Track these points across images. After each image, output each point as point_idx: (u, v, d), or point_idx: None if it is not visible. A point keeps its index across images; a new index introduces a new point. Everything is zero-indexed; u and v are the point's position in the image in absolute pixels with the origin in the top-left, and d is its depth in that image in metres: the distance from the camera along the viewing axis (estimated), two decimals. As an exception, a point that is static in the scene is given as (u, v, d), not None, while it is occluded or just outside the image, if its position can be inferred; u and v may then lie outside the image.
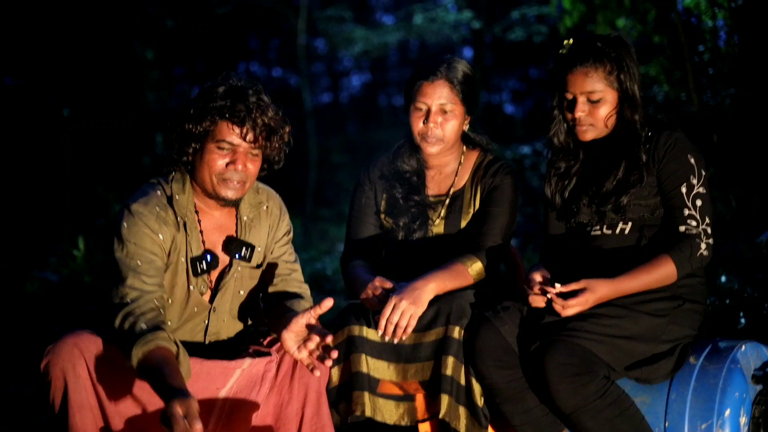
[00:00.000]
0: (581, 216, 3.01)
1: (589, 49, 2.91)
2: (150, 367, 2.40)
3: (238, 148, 2.70)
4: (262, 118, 2.70)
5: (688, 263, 2.80)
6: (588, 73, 2.90)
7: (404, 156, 3.24)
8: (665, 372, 2.79)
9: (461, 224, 3.16)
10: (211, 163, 2.70)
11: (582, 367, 2.66)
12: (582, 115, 2.93)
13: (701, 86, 7.65)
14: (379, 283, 2.92)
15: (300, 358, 2.61)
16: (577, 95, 2.93)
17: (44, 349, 2.52)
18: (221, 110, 2.68)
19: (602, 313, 2.75)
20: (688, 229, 2.83)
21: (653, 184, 2.89)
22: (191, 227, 2.76)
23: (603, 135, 2.97)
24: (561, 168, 3.09)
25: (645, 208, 2.91)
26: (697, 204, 2.84)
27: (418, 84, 3.10)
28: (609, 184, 2.94)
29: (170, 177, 2.80)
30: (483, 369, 2.79)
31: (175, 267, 2.74)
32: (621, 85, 2.89)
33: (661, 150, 2.87)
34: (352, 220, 3.28)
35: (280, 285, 2.93)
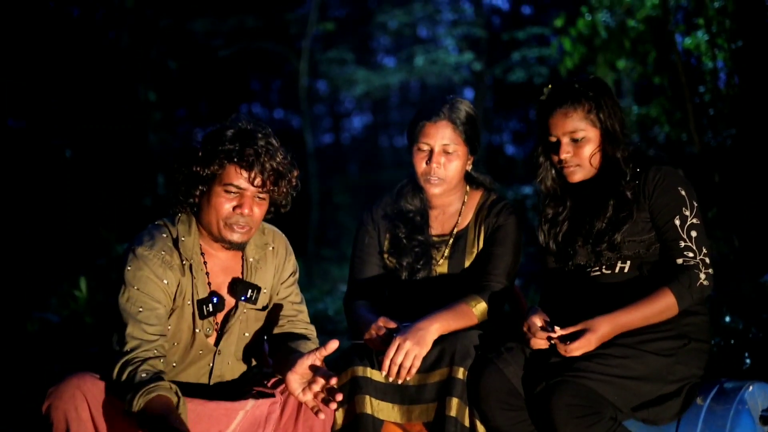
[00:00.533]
0: (578, 258, 3.01)
1: (567, 92, 2.96)
2: (152, 415, 2.39)
3: (246, 192, 2.69)
4: (271, 162, 2.69)
5: (688, 294, 2.79)
6: (568, 113, 2.93)
7: (407, 196, 3.24)
8: (672, 413, 2.77)
9: (465, 264, 3.15)
10: (217, 206, 2.69)
11: (589, 408, 2.63)
12: (567, 156, 2.95)
13: (702, 127, 7.67)
14: (382, 324, 2.90)
15: (305, 401, 2.59)
16: (560, 137, 2.95)
17: (46, 391, 2.49)
18: (230, 154, 2.66)
19: (608, 353, 2.73)
20: (685, 261, 2.83)
21: (646, 220, 2.90)
22: (197, 269, 2.75)
23: (591, 175, 2.99)
24: (549, 214, 3.11)
25: (640, 244, 2.91)
26: (692, 235, 2.84)
27: (421, 124, 3.12)
28: (600, 223, 2.95)
29: (176, 218, 2.79)
30: (488, 411, 2.77)
31: (181, 310, 2.72)
32: (601, 123, 2.92)
33: (651, 185, 2.88)
34: (355, 260, 3.28)
35: (287, 326, 2.92)
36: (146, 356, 2.53)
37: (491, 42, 15.22)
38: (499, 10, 19.74)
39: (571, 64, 8.98)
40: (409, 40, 16.25)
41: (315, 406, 2.57)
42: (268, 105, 21.20)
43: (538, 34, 13.33)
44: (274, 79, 19.75)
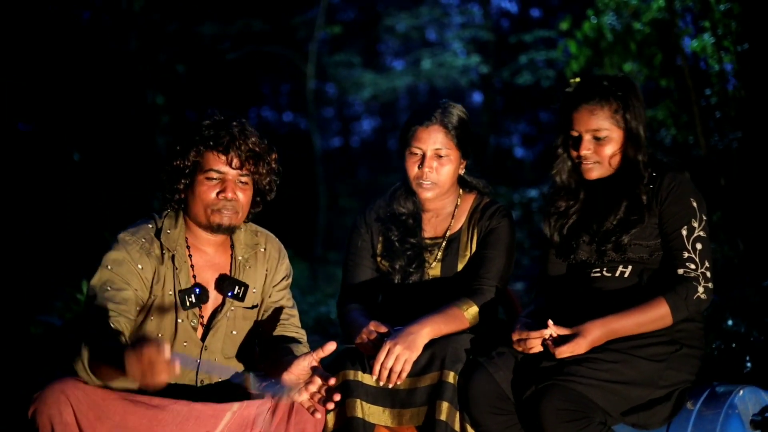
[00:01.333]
0: (580, 253, 3.00)
1: (596, 88, 2.94)
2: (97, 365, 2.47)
3: (227, 176, 2.76)
4: (246, 143, 2.77)
5: (684, 306, 2.78)
6: (594, 111, 2.91)
7: (400, 199, 3.24)
8: (662, 417, 2.76)
9: (458, 267, 3.15)
10: (202, 194, 2.75)
11: (578, 412, 2.63)
12: (587, 152, 2.94)
13: (708, 130, 7.65)
14: (373, 328, 2.91)
15: (300, 401, 2.60)
16: (582, 133, 2.94)
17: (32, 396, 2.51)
18: (205, 140, 2.75)
19: (599, 358, 2.72)
20: (686, 272, 2.82)
21: (655, 225, 2.89)
22: (180, 261, 2.79)
23: (607, 174, 2.97)
24: (561, 207, 3.09)
25: (645, 249, 2.89)
26: (697, 247, 2.83)
27: (413, 129, 3.12)
28: (610, 222, 2.94)
29: (164, 213, 2.85)
30: (477, 415, 2.77)
31: (161, 300, 2.75)
32: (626, 124, 2.91)
33: (665, 191, 2.87)
34: (348, 264, 3.28)
35: (278, 330, 2.93)
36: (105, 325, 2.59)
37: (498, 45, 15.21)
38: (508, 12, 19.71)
39: (577, 67, 8.96)
40: (417, 44, 16.26)
41: (311, 406, 2.59)
42: (278, 108, 21.22)
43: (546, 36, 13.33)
44: (284, 82, 19.77)
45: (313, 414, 2.59)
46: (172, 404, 2.58)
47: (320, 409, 2.59)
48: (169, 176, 2.79)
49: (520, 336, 2.80)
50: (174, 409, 2.57)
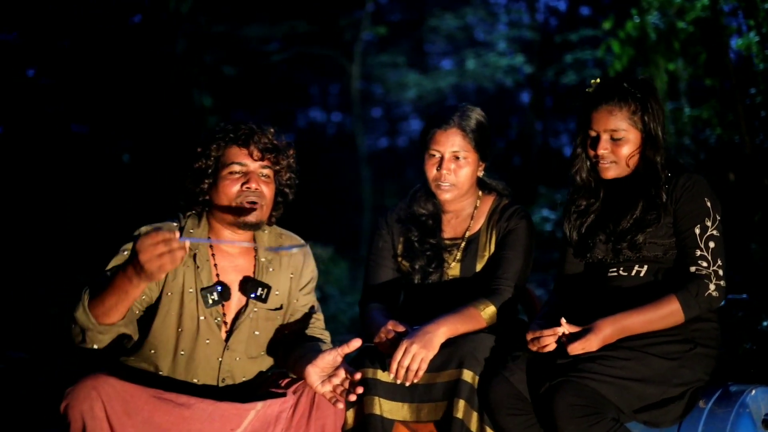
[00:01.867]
0: (597, 252, 3.03)
1: (615, 89, 2.98)
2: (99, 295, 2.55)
3: (249, 168, 2.84)
4: (265, 135, 2.88)
5: (695, 303, 2.80)
6: (612, 111, 2.95)
7: (420, 200, 3.30)
8: (674, 416, 2.78)
9: (477, 268, 3.20)
10: (226, 189, 2.83)
11: (590, 408, 2.66)
12: (605, 152, 2.97)
13: (753, 129, 7.58)
14: (391, 327, 2.96)
15: (323, 392, 2.68)
16: (600, 133, 2.98)
17: (64, 391, 2.59)
18: (225, 135, 2.86)
19: (612, 355, 2.75)
20: (698, 270, 2.84)
21: (669, 224, 2.92)
22: (202, 260, 2.86)
23: (624, 174, 3.01)
24: (581, 205, 3.12)
25: (660, 248, 2.93)
26: (710, 246, 2.85)
27: (432, 132, 3.18)
28: (626, 222, 2.97)
29: (187, 213, 2.94)
30: (500, 419, 2.82)
31: (181, 297, 2.82)
32: (644, 125, 2.95)
33: (680, 191, 2.91)
34: (369, 264, 3.34)
35: (303, 333, 3.02)
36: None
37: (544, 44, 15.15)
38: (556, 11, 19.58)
39: (620, 67, 8.92)
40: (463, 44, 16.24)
41: (333, 397, 2.66)
42: (327, 108, 21.34)
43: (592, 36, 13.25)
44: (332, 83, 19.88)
45: (335, 404, 2.66)
46: (199, 402, 2.66)
47: (342, 400, 2.67)
48: (192, 179, 2.87)
49: (534, 335, 2.84)
50: (200, 408, 2.65)
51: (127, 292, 2.48)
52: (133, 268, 2.39)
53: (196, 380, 2.83)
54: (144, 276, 2.38)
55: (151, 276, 2.37)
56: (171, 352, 2.82)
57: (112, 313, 2.56)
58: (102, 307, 2.55)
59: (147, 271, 2.35)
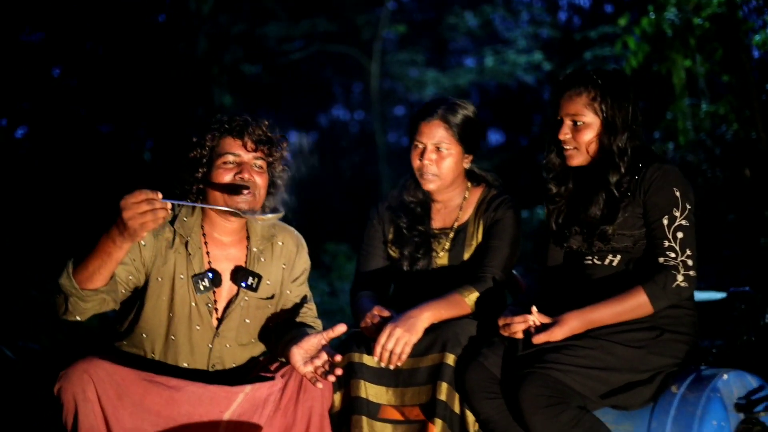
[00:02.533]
0: (572, 241, 3.09)
1: (579, 76, 3.05)
2: (83, 261, 2.59)
3: (243, 159, 2.90)
4: (260, 127, 2.94)
5: (663, 294, 2.83)
6: (572, 96, 3.02)
7: (410, 189, 3.38)
8: (643, 399, 2.82)
9: (464, 257, 3.26)
10: (219, 178, 2.89)
11: (555, 398, 2.71)
12: (566, 137, 3.03)
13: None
14: (377, 312, 3.03)
15: (304, 372, 2.75)
16: (563, 117, 3.04)
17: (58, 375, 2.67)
18: (220, 126, 2.92)
19: (577, 345, 2.80)
20: (666, 261, 2.87)
21: (639, 215, 2.95)
22: (194, 247, 2.93)
23: (587, 162, 3.05)
24: (551, 191, 3.18)
25: (629, 239, 2.96)
26: (678, 236, 2.87)
27: (417, 123, 3.27)
28: (594, 213, 3.01)
29: None
30: (476, 404, 2.88)
31: (171, 282, 2.89)
32: (603, 113, 2.99)
33: (648, 182, 2.94)
34: (361, 253, 3.42)
35: (295, 322, 3.09)
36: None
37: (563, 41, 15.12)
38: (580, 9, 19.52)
39: (636, 63, 8.93)
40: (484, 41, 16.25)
41: (314, 377, 2.74)
42: (350, 107, 21.41)
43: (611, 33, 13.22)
44: (355, 81, 19.94)
45: (315, 384, 2.73)
46: (188, 385, 2.74)
47: (322, 380, 2.74)
48: (187, 168, 2.93)
49: (505, 321, 2.90)
50: (190, 390, 2.73)
51: (110, 254, 2.54)
52: (117, 228, 2.46)
53: (186, 365, 2.91)
54: (127, 235, 2.45)
55: (134, 234, 2.45)
56: (162, 337, 2.89)
57: (96, 277, 2.61)
58: (86, 272, 2.59)
59: (130, 228, 2.42)
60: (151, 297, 2.89)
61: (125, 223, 2.42)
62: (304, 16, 13.79)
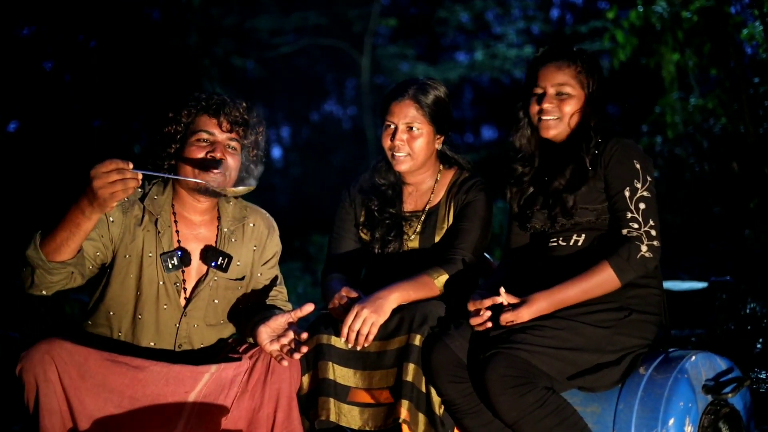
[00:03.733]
0: (535, 221, 3.08)
1: (564, 49, 3.08)
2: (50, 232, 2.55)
3: (216, 138, 2.87)
4: (237, 109, 2.90)
5: (628, 267, 2.81)
6: (561, 67, 3.03)
7: (381, 171, 3.36)
8: (610, 381, 2.80)
9: (435, 239, 3.24)
10: (191, 155, 2.86)
11: (521, 378, 2.69)
12: (550, 106, 3.03)
13: (757, 118, 7.57)
14: (345, 293, 3.00)
15: (270, 350, 2.73)
16: (547, 87, 3.04)
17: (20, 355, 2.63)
18: (197, 102, 2.89)
19: (544, 325, 2.78)
20: (629, 232, 2.86)
21: (601, 189, 2.95)
22: (164, 225, 2.90)
23: (564, 134, 3.06)
24: (517, 171, 3.17)
25: (591, 213, 2.95)
26: (640, 207, 2.87)
27: (388, 103, 3.24)
28: (557, 183, 3.01)
29: (152, 181, 2.97)
30: (440, 385, 2.86)
31: (139, 260, 2.86)
32: (589, 87, 3.02)
33: (608, 155, 2.95)
34: (332, 236, 3.39)
35: (265, 304, 3.07)
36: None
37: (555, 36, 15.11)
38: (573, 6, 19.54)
39: (624, 57, 8.93)
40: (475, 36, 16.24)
41: (279, 355, 2.71)
42: (342, 103, 21.40)
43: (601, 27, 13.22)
44: (348, 76, 19.92)
45: (280, 362, 2.71)
46: (153, 365, 2.70)
47: (288, 359, 2.72)
48: (160, 143, 2.90)
49: (475, 306, 2.87)
50: (154, 370, 2.70)
51: (78, 225, 2.51)
52: (86, 197, 2.43)
53: (153, 344, 2.88)
54: (96, 205, 2.42)
55: (104, 204, 2.41)
56: (130, 315, 2.87)
57: (63, 249, 2.57)
58: (53, 243, 2.56)
59: (99, 198, 2.39)
60: (118, 275, 2.86)
61: (95, 193, 2.39)
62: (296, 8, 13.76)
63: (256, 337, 2.76)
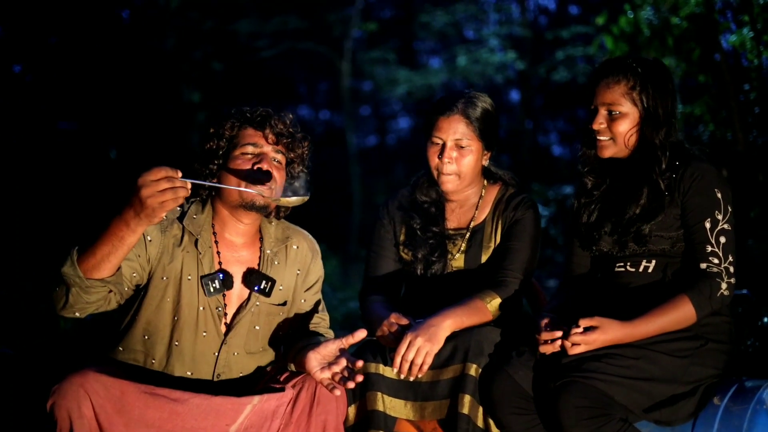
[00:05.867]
0: (602, 244, 2.93)
1: (617, 64, 2.90)
2: (89, 247, 2.41)
3: (263, 150, 2.74)
4: (282, 121, 2.79)
5: (708, 303, 2.70)
6: (609, 84, 2.87)
7: (423, 187, 3.20)
8: (686, 413, 2.69)
9: (482, 259, 3.10)
10: (236, 169, 2.72)
11: (597, 409, 2.56)
12: (601, 127, 2.89)
13: (747, 125, 7.56)
14: (394, 320, 2.86)
15: (321, 378, 2.59)
16: (598, 106, 2.90)
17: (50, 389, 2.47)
18: (241, 115, 2.77)
19: (619, 353, 2.65)
20: (709, 267, 2.73)
21: (677, 216, 2.81)
22: (204, 246, 2.75)
23: (622, 155, 2.91)
24: (587, 185, 3.03)
25: (666, 241, 2.82)
26: (721, 241, 2.74)
27: (435, 118, 3.08)
28: (633, 209, 2.86)
29: (191, 200, 2.82)
30: (502, 417, 2.72)
31: (178, 283, 2.71)
32: (643, 104, 2.84)
33: (687, 181, 2.79)
34: (370, 255, 3.24)
35: (307, 330, 2.92)
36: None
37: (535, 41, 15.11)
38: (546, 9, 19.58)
39: (613, 63, 8.87)
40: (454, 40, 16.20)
41: (331, 383, 2.57)
42: (314, 106, 21.27)
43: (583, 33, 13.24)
44: (320, 80, 19.82)
45: (332, 391, 2.57)
46: (192, 398, 2.55)
47: (340, 387, 2.58)
48: (202, 159, 2.77)
49: (546, 337, 2.72)
50: (194, 403, 2.54)
51: (122, 238, 2.36)
52: (132, 208, 2.29)
53: (189, 373, 2.72)
54: (144, 215, 2.28)
55: (152, 215, 2.28)
56: (165, 342, 2.71)
57: (104, 265, 2.42)
58: (93, 259, 2.41)
59: (148, 207, 2.25)
60: (154, 298, 2.70)
61: (143, 202, 2.25)
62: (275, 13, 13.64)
63: (305, 363, 2.61)
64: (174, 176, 2.25)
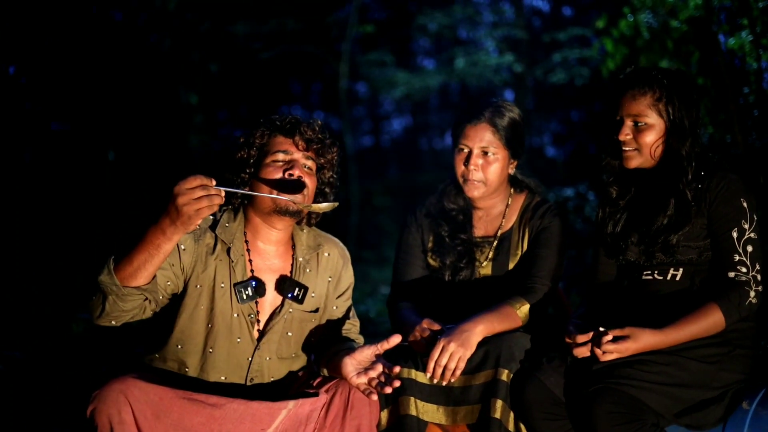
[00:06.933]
0: (629, 254, 2.96)
1: (643, 75, 2.92)
2: (126, 255, 2.44)
3: (293, 156, 2.77)
4: (312, 128, 2.82)
5: (736, 311, 2.73)
6: (635, 96, 2.89)
7: (450, 195, 3.25)
8: (716, 418, 2.72)
9: (509, 266, 3.14)
10: (268, 177, 2.75)
11: (630, 415, 2.59)
12: (627, 138, 2.91)
13: (746, 128, 7.58)
14: (426, 325, 2.90)
15: (357, 383, 2.62)
16: (624, 117, 2.92)
17: (90, 394, 2.49)
18: (272, 123, 2.81)
19: (650, 360, 2.68)
20: (737, 276, 2.76)
21: (704, 226, 2.84)
22: (237, 254, 2.77)
23: (648, 165, 2.94)
24: (612, 194, 3.05)
25: (694, 250, 2.85)
26: (748, 250, 2.78)
27: (462, 126, 3.13)
28: (661, 220, 2.89)
29: (223, 208, 2.84)
30: (533, 423, 2.76)
31: (211, 291, 2.74)
32: (669, 115, 2.86)
33: (714, 191, 2.82)
34: (399, 262, 3.27)
35: (339, 336, 2.96)
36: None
37: (532, 43, 15.13)
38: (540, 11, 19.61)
39: (613, 65, 8.91)
40: (450, 42, 16.21)
41: (367, 388, 2.61)
42: (309, 107, 21.26)
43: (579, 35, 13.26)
44: (315, 81, 19.80)
45: (369, 396, 2.60)
46: (230, 402, 2.58)
47: (375, 393, 2.61)
48: (233, 169, 2.81)
49: (575, 340, 2.75)
50: (231, 408, 2.58)
51: (158, 246, 2.40)
52: (168, 216, 2.33)
53: (223, 378, 2.76)
54: (180, 223, 2.33)
55: (188, 222, 2.32)
56: (200, 349, 2.74)
57: (140, 273, 2.46)
58: (129, 267, 2.44)
59: (184, 215, 2.30)
60: (188, 306, 2.73)
61: (179, 210, 2.29)
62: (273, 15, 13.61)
63: (341, 368, 2.65)
64: (209, 184, 2.30)
